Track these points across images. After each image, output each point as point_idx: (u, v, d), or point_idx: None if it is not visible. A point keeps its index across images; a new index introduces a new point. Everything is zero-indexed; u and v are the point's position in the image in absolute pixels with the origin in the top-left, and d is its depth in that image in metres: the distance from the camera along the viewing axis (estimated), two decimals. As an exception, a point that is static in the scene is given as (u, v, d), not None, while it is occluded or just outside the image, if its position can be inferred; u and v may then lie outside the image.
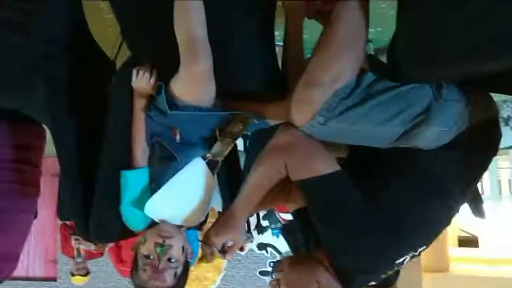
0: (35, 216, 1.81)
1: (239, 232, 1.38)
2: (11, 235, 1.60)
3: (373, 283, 1.36)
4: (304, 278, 1.27)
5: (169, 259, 1.41)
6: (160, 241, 1.41)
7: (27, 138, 1.70)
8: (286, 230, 2.31)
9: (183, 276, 1.46)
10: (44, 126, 1.77)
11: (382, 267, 1.32)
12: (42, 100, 1.46)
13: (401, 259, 1.31)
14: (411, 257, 1.34)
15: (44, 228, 5.51)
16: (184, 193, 1.47)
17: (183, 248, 1.45)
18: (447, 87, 1.25)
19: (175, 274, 1.43)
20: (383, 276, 1.34)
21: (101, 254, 4.08)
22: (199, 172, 1.48)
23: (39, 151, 1.80)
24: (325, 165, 1.25)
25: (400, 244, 1.29)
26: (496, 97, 1.37)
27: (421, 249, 1.35)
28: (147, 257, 1.41)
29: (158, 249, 1.40)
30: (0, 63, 1.44)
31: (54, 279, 5.51)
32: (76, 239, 3.61)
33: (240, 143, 1.69)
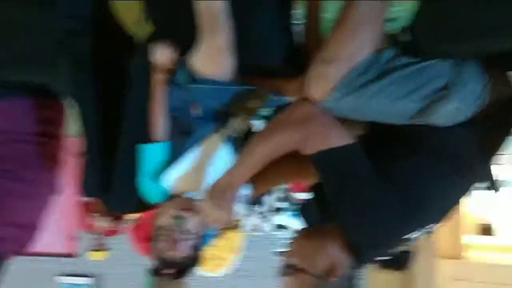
0: (59, 192, 1.84)
1: (232, 205, 1.39)
2: (32, 205, 1.64)
3: (383, 258, 1.38)
4: (315, 250, 1.30)
5: (185, 231, 1.46)
6: (177, 213, 1.46)
7: (50, 113, 1.73)
8: (303, 209, 2.33)
9: (199, 248, 1.51)
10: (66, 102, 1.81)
11: (393, 241, 1.34)
12: (68, 75, 1.50)
13: (412, 234, 1.32)
14: (422, 233, 1.35)
15: (63, 205, 5.65)
16: (201, 167, 1.50)
17: (199, 221, 1.49)
18: (467, 64, 1.25)
19: (192, 245, 1.48)
20: (392, 250, 1.36)
21: (120, 231, 4.17)
22: (217, 147, 1.50)
23: (61, 125, 1.84)
24: (341, 138, 1.27)
25: (412, 220, 1.30)
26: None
27: (432, 225, 1.36)
28: (165, 228, 1.46)
29: (176, 221, 1.45)
30: (26, 39, 1.47)
31: (73, 255, 5.67)
32: (93, 216, 3.71)
33: (259, 124, 1.70)
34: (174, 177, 1.49)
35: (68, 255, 5.64)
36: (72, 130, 1.81)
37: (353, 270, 1.32)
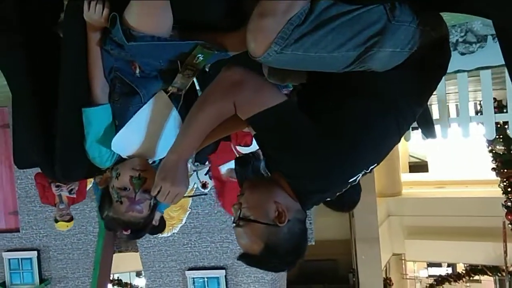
0: None
1: (186, 177, 1.38)
2: None
3: (328, 199, 1.45)
4: (263, 199, 1.34)
5: (144, 191, 1.46)
6: (136, 174, 1.46)
7: None
8: (239, 163, 2.38)
9: (155, 207, 1.52)
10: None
11: (337, 186, 1.40)
12: None
13: (354, 177, 1.39)
14: (363, 174, 1.42)
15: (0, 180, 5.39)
16: (150, 128, 1.48)
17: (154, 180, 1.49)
18: (400, 8, 1.28)
19: (150, 205, 1.49)
20: (338, 193, 1.43)
21: (84, 198, 4.10)
22: (163, 106, 1.48)
23: None
24: (272, 98, 1.29)
25: (353, 164, 1.37)
26: (446, 22, 1.42)
27: (372, 166, 1.43)
28: (123, 189, 1.46)
29: (135, 181, 1.45)
30: None
31: (17, 230, 5.48)
32: (57, 186, 3.61)
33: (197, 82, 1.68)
34: (125, 140, 1.46)
35: (12, 231, 5.47)
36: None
37: (302, 214, 1.39)
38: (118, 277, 9.06)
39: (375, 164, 1.44)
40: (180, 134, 1.37)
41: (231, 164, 3.25)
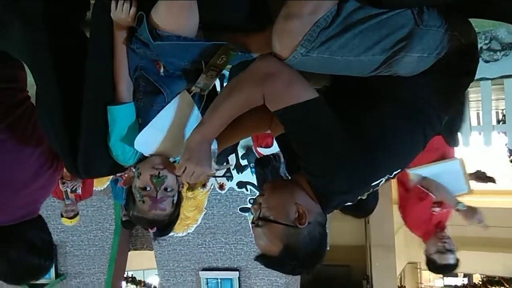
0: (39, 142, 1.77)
1: (209, 158, 1.38)
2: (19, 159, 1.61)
3: (349, 203, 1.43)
4: (284, 201, 1.33)
5: (165, 189, 1.48)
6: (156, 172, 1.47)
7: (10, 71, 1.68)
8: (260, 163, 2.38)
9: (178, 204, 1.53)
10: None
11: (359, 189, 1.38)
12: (19, 36, 1.43)
13: (377, 181, 1.37)
14: (386, 179, 1.40)
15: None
16: (172, 127, 1.49)
17: (176, 177, 1.50)
18: (428, 12, 1.27)
19: (172, 202, 1.51)
20: (359, 197, 1.41)
21: (91, 194, 4.15)
22: (185, 106, 1.49)
23: (24, 78, 1.79)
24: (304, 92, 1.27)
25: (377, 168, 1.35)
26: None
27: (396, 172, 1.41)
28: (144, 189, 1.47)
29: (155, 180, 1.46)
30: None
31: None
32: (63, 183, 3.67)
33: (217, 83, 1.69)
34: (148, 138, 1.47)
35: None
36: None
37: (322, 217, 1.37)
38: (132, 275, 9.12)
39: (399, 170, 1.42)
40: (206, 116, 1.36)
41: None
